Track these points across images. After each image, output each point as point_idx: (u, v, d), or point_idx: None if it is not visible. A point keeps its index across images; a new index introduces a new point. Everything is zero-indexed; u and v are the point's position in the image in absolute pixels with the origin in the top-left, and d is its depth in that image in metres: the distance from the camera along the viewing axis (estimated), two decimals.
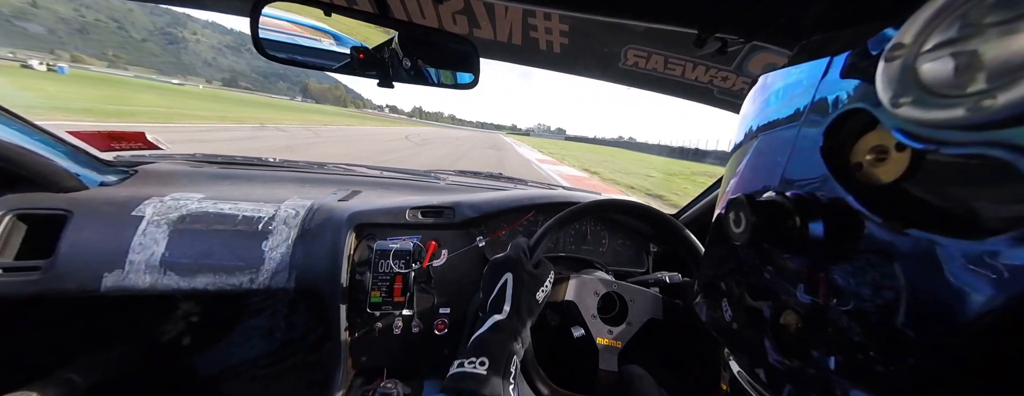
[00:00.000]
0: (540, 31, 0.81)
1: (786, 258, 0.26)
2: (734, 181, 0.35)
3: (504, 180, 1.48)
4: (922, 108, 0.17)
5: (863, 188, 0.22)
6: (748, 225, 0.25)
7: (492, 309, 0.51)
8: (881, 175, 0.22)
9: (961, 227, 0.17)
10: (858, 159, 0.23)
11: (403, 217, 0.95)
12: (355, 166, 1.38)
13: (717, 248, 0.36)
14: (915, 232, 0.19)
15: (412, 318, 0.94)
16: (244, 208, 0.92)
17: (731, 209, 0.27)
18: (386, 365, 0.95)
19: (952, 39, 0.16)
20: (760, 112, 0.33)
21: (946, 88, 0.16)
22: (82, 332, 1.01)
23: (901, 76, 0.18)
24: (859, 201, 0.22)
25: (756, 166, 0.32)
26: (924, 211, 0.19)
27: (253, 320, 1.37)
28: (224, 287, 0.85)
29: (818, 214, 0.23)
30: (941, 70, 0.17)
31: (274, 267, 0.88)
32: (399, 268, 0.91)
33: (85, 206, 0.83)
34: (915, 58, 0.18)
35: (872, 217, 0.21)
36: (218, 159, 1.22)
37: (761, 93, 0.34)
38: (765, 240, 0.26)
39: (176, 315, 1.17)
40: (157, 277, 0.82)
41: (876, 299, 0.20)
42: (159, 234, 0.83)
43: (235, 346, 1.33)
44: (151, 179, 1.00)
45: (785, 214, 0.24)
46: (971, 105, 0.15)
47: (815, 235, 0.23)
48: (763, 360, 0.28)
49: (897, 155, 0.21)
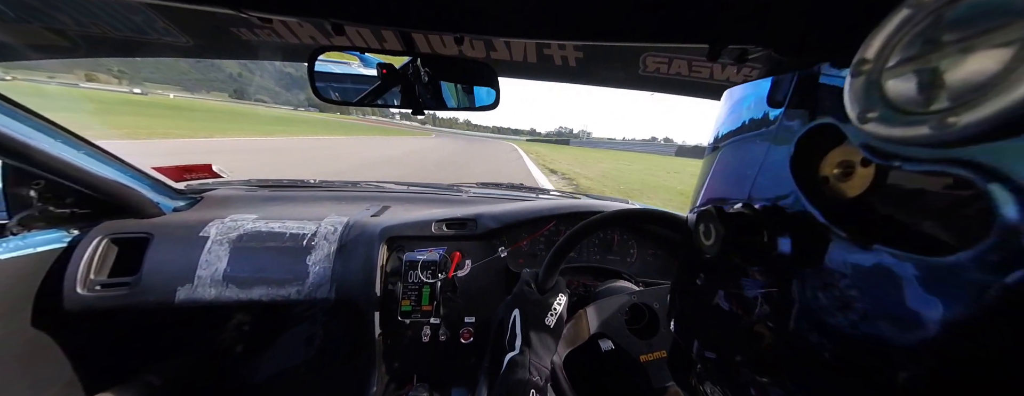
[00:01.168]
0: (553, 49, 0.85)
1: (755, 271, 0.26)
2: (704, 191, 0.35)
3: (526, 190, 1.51)
4: (887, 125, 0.17)
5: (829, 202, 0.22)
6: (718, 237, 0.25)
7: (508, 348, 0.53)
8: (846, 190, 0.22)
9: (923, 244, 0.17)
10: (825, 173, 0.23)
11: (429, 229, 1.00)
12: (384, 183, 1.47)
13: (687, 260, 0.35)
14: (879, 247, 0.19)
15: (439, 326, 0.98)
16: (290, 226, 1.02)
17: (701, 221, 0.27)
18: (416, 372, 0.98)
19: (914, 56, 0.16)
20: (732, 123, 0.33)
21: (911, 105, 0.16)
22: (158, 341, 1.15)
23: (866, 91, 0.18)
24: (825, 216, 0.22)
25: (726, 177, 0.32)
26: (887, 227, 0.19)
27: (296, 329, 1.48)
28: (276, 298, 0.94)
29: (786, 228, 0.23)
30: (905, 87, 0.17)
31: (318, 280, 0.95)
32: (427, 278, 0.96)
33: (163, 229, 0.96)
34: (879, 74, 0.18)
35: (837, 232, 0.21)
36: (268, 183, 1.36)
37: (733, 104, 0.34)
38: (734, 253, 0.26)
39: (231, 325, 1.29)
40: (221, 290, 0.92)
41: (842, 315, 0.20)
42: (222, 251, 0.94)
43: (280, 354, 1.44)
44: (214, 204, 1.13)
45: (754, 227, 0.24)
46: (935, 123, 0.15)
47: (782, 249, 0.23)
48: (732, 374, 0.27)
49: (862, 170, 0.21)
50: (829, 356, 0.21)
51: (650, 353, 0.58)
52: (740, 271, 0.27)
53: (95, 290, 0.88)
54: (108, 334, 1.03)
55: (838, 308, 0.20)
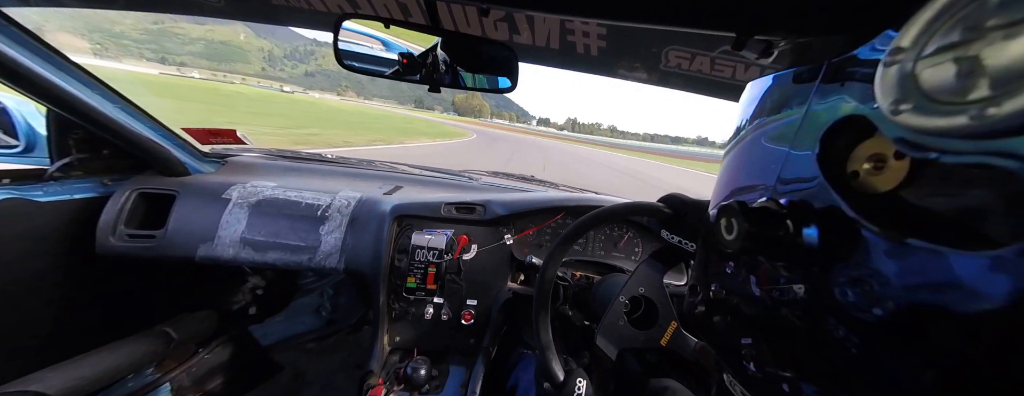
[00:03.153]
0: (577, 35, 0.83)
1: (779, 266, 0.25)
2: (726, 186, 0.34)
3: (536, 182, 1.51)
4: (922, 115, 0.16)
5: (859, 197, 0.22)
6: (740, 232, 0.25)
7: None
8: (878, 184, 0.21)
9: (962, 238, 0.17)
10: (855, 167, 0.22)
11: (439, 211, 1.02)
12: (398, 164, 1.50)
13: (709, 254, 0.35)
14: (913, 242, 0.18)
15: (442, 305, 1.00)
16: (306, 196, 1.05)
17: (723, 215, 0.27)
18: (417, 346, 1.01)
19: (954, 43, 0.16)
20: (756, 116, 0.32)
21: (947, 95, 0.16)
22: (179, 294, 1.22)
23: (900, 82, 0.18)
24: (855, 210, 0.21)
25: (750, 172, 0.31)
26: (923, 221, 0.19)
27: (305, 299, 1.54)
28: (289, 263, 0.98)
29: (812, 222, 0.23)
30: (942, 76, 0.16)
31: (329, 249, 0.99)
32: (433, 258, 0.98)
33: (188, 188, 1.01)
34: (915, 63, 0.17)
35: (868, 226, 0.20)
36: (287, 153, 1.40)
37: (758, 97, 0.33)
38: (757, 248, 0.25)
39: (246, 287, 1.35)
40: (238, 250, 0.96)
41: (871, 309, 0.20)
42: (241, 214, 0.98)
43: (290, 320, 1.50)
44: (237, 169, 1.18)
45: (778, 222, 0.24)
46: (974, 113, 0.14)
47: (809, 244, 0.23)
48: (755, 369, 0.27)
49: (896, 163, 0.20)
50: (856, 351, 0.20)
51: (665, 333, 0.56)
52: (762, 266, 0.27)
53: (124, 240, 0.94)
54: (133, 283, 1.10)
55: (867, 303, 0.20)
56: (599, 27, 0.79)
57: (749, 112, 0.34)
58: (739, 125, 0.35)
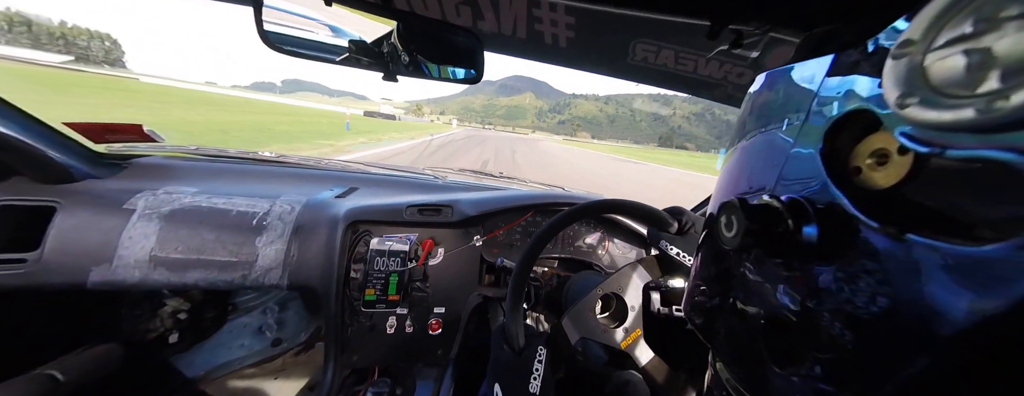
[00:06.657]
0: (545, 23, 0.79)
1: (779, 263, 0.25)
2: (727, 183, 0.34)
3: (504, 179, 1.46)
4: (929, 109, 0.16)
5: (861, 192, 0.22)
6: (740, 229, 0.24)
7: None
8: (880, 180, 0.21)
9: (963, 233, 0.17)
10: (857, 163, 0.22)
11: (401, 215, 0.93)
12: (352, 163, 1.36)
13: (708, 251, 0.35)
14: (913, 238, 0.18)
15: (406, 317, 0.92)
16: (238, 203, 0.90)
17: (723, 212, 0.26)
18: (378, 365, 0.92)
19: (965, 35, 0.15)
20: (758, 111, 0.32)
21: (956, 88, 0.15)
22: (66, 328, 0.99)
23: (908, 75, 0.17)
24: (856, 206, 0.21)
25: (752, 168, 0.31)
26: (924, 216, 0.19)
27: (243, 318, 1.34)
28: (216, 283, 0.83)
29: (813, 220, 0.23)
30: (951, 68, 0.16)
31: (268, 264, 0.85)
32: (395, 266, 0.89)
33: (74, 198, 0.81)
34: (924, 55, 0.17)
35: (869, 222, 0.20)
36: (211, 152, 1.20)
37: (760, 92, 0.33)
38: (758, 245, 0.25)
39: (164, 312, 1.14)
40: (147, 272, 0.79)
41: (870, 306, 0.20)
42: (150, 228, 0.81)
43: (224, 345, 1.30)
44: (144, 172, 0.98)
45: (779, 219, 0.24)
46: (981, 106, 0.14)
47: (809, 241, 0.23)
48: (752, 366, 0.27)
49: (899, 159, 0.20)
50: (854, 347, 0.20)
51: (627, 337, 0.58)
52: (762, 263, 0.27)
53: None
54: (4, 319, 0.86)
55: (865, 299, 0.20)
56: (568, 15, 0.76)
57: (751, 109, 0.33)
58: (740, 122, 0.35)
